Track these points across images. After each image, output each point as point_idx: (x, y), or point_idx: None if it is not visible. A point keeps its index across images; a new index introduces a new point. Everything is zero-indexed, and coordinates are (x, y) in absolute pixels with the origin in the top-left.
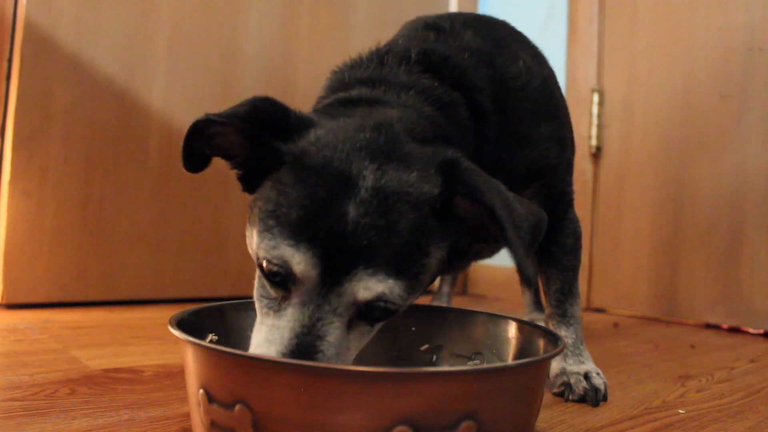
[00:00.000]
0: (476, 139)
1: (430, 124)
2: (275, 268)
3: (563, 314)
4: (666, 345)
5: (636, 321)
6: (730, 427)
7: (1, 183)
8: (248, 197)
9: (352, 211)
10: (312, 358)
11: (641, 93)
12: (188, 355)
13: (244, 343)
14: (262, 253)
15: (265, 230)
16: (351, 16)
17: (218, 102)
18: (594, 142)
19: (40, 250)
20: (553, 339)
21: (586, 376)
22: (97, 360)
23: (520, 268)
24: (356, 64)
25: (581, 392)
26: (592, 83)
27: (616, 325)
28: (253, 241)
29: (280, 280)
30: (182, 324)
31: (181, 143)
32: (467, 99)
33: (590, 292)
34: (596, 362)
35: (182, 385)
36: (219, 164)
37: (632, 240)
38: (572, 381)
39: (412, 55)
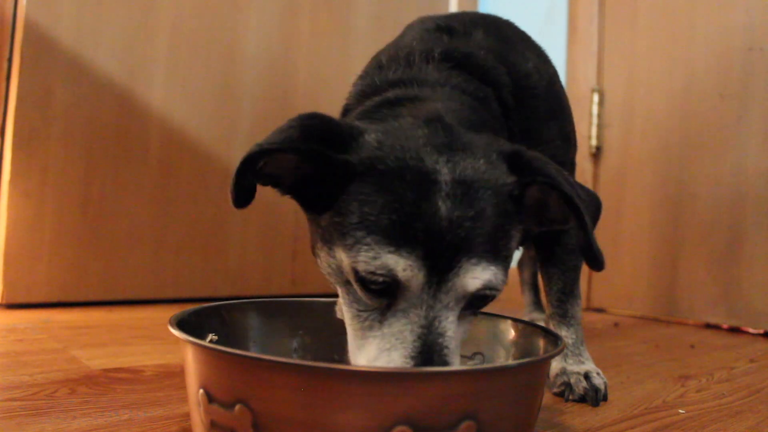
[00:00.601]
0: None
1: (474, 113)
2: (380, 278)
3: (564, 314)
4: (666, 345)
5: (636, 321)
6: (730, 427)
7: (1, 183)
8: (305, 218)
9: (443, 206)
10: (440, 357)
11: (641, 93)
12: (188, 355)
13: (244, 343)
14: (362, 266)
15: (357, 243)
16: (351, 16)
17: (218, 102)
18: (594, 142)
19: (40, 250)
20: (553, 339)
21: (587, 376)
22: (97, 360)
23: (593, 251)
24: (383, 67)
25: (581, 392)
26: (592, 83)
27: (616, 325)
28: (342, 257)
29: (383, 288)
30: (182, 324)
31: (232, 180)
32: (496, 95)
33: (590, 292)
34: (596, 362)
35: (182, 385)
36: (217, 163)
37: (632, 240)
38: (572, 381)
39: (436, 55)
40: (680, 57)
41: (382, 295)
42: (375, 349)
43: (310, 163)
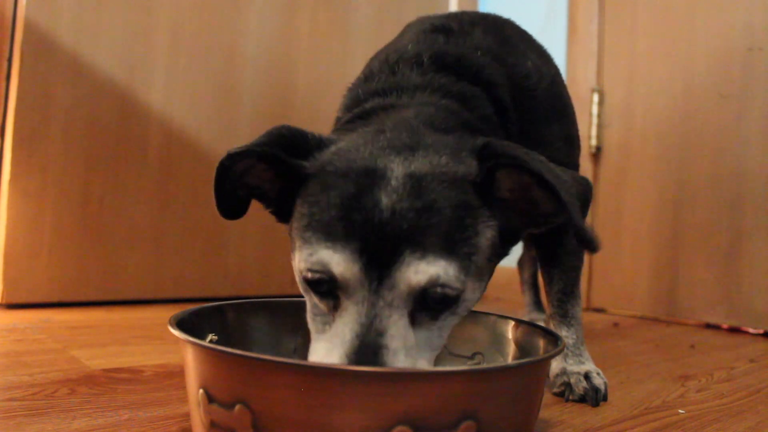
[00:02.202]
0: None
1: (451, 114)
2: (317, 275)
3: (564, 314)
4: (666, 345)
5: (636, 321)
6: (730, 427)
7: (1, 183)
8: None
9: (385, 198)
10: (378, 356)
11: (641, 93)
12: (188, 355)
13: (244, 343)
14: (302, 265)
15: (303, 243)
16: (351, 16)
17: (218, 102)
18: (594, 142)
19: (40, 250)
20: (553, 339)
21: (587, 376)
22: (97, 360)
23: (578, 231)
24: (369, 77)
25: (581, 392)
26: (592, 83)
27: (616, 325)
28: (294, 260)
29: (327, 289)
30: (182, 324)
31: (215, 193)
32: (488, 95)
33: (590, 292)
34: (596, 362)
35: (182, 385)
36: (217, 163)
37: (632, 240)
38: (572, 381)
39: (425, 59)
40: (680, 57)
41: (328, 296)
42: (322, 350)
43: (273, 171)
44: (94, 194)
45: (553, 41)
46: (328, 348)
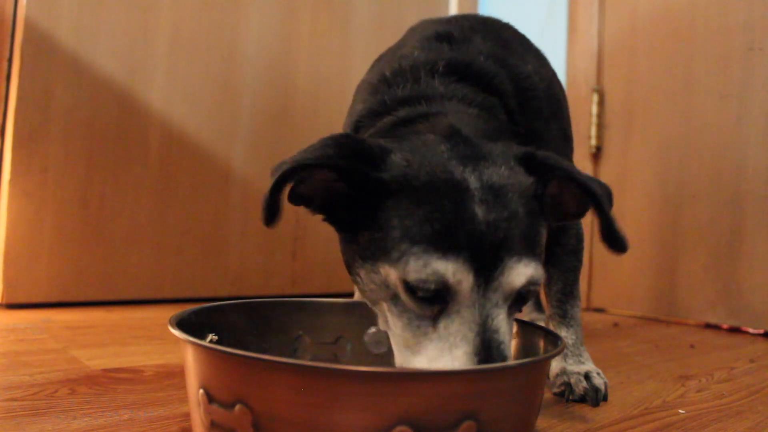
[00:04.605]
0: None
1: (485, 123)
2: (432, 285)
3: (564, 315)
4: (666, 345)
5: (636, 321)
6: (730, 427)
7: (1, 183)
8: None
9: (479, 211)
10: (499, 351)
11: (641, 93)
12: (188, 355)
13: (245, 343)
14: (412, 276)
15: (404, 254)
16: (351, 16)
17: (218, 102)
18: (594, 142)
19: (40, 250)
20: (553, 339)
21: (587, 376)
22: (97, 360)
23: (615, 233)
24: (389, 83)
25: (581, 392)
26: (592, 83)
27: (616, 325)
28: (388, 272)
29: (433, 296)
30: (182, 324)
31: (265, 196)
32: (500, 102)
33: (590, 292)
34: (596, 362)
35: (182, 385)
36: (217, 163)
37: (632, 240)
38: (572, 381)
39: (440, 68)
40: (680, 57)
41: (433, 302)
42: (434, 350)
43: (346, 181)
44: (94, 194)
45: (553, 41)
46: (443, 348)
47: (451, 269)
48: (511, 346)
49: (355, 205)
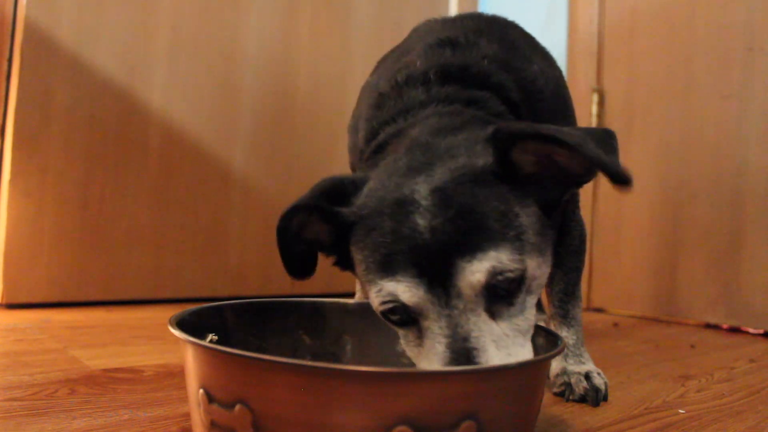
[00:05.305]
0: None
1: (457, 115)
2: (390, 305)
3: (565, 315)
4: (666, 345)
5: (636, 321)
6: (730, 427)
7: (1, 183)
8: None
9: (421, 221)
10: (470, 358)
11: (641, 93)
12: (188, 355)
13: (244, 343)
14: (375, 303)
15: (369, 284)
16: (351, 16)
17: (218, 102)
18: None
19: (40, 250)
20: (553, 339)
21: (587, 376)
22: (97, 360)
23: (608, 167)
24: (381, 104)
25: (581, 392)
26: (592, 83)
27: (616, 325)
28: (372, 303)
29: (405, 319)
30: (182, 324)
31: (279, 250)
32: (498, 96)
33: (590, 292)
34: (596, 362)
35: (182, 385)
36: (217, 163)
37: (632, 240)
38: (573, 381)
39: (431, 76)
40: (680, 57)
41: (406, 324)
42: (425, 364)
43: (326, 223)
44: (94, 194)
45: (553, 41)
46: (427, 364)
47: (401, 288)
48: (492, 344)
49: (342, 243)
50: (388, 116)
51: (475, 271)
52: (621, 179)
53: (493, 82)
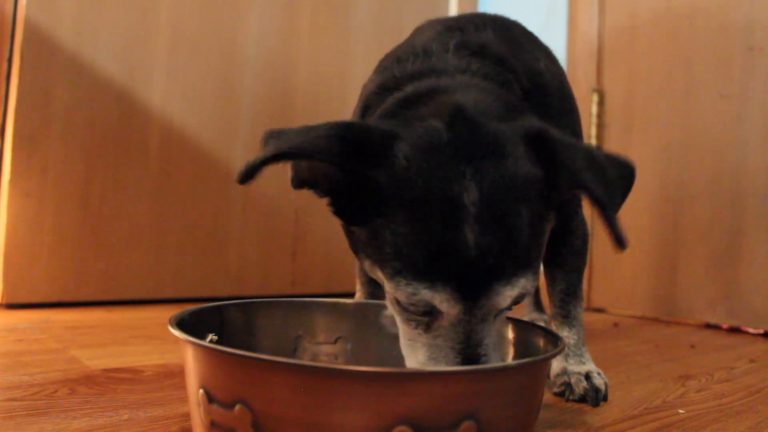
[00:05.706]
0: None
1: (498, 100)
2: (420, 308)
3: (566, 315)
4: (666, 345)
5: (636, 321)
6: (730, 427)
7: (1, 183)
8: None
9: (470, 235)
10: (479, 363)
11: (641, 93)
12: (188, 355)
13: (245, 343)
14: (402, 298)
15: (396, 274)
16: (351, 16)
17: (218, 102)
18: (594, 142)
19: (40, 250)
20: (553, 339)
21: (587, 376)
22: (97, 360)
23: (616, 232)
24: (401, 60)
25: (582, 392)
26: (592, 83)
27: (616, 325)
28: (383, 279)
29: (422, 313)
30: (182, 324)
31: (250, 163)
32: (515, 81)
33: (590, 292)
34: (596, 362)
35: (182, 385)
36: (217, 163)
37: (632, 240)
38: (573, 381)
39: (451, 46)
40: (680, 57)
41: (425, 315)
42: (424, 357)
43: (344, 176)
44: (94, 194)
45: (553, 41)
46: (431, 357)
47: (438, 299)
48: (496, 345)
49: (352, 197)
50: (415, 69)
51: (507, 296)
52: (621, 244)
53: (509, 64)
